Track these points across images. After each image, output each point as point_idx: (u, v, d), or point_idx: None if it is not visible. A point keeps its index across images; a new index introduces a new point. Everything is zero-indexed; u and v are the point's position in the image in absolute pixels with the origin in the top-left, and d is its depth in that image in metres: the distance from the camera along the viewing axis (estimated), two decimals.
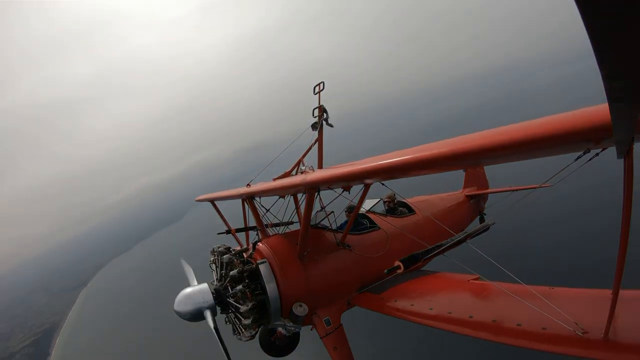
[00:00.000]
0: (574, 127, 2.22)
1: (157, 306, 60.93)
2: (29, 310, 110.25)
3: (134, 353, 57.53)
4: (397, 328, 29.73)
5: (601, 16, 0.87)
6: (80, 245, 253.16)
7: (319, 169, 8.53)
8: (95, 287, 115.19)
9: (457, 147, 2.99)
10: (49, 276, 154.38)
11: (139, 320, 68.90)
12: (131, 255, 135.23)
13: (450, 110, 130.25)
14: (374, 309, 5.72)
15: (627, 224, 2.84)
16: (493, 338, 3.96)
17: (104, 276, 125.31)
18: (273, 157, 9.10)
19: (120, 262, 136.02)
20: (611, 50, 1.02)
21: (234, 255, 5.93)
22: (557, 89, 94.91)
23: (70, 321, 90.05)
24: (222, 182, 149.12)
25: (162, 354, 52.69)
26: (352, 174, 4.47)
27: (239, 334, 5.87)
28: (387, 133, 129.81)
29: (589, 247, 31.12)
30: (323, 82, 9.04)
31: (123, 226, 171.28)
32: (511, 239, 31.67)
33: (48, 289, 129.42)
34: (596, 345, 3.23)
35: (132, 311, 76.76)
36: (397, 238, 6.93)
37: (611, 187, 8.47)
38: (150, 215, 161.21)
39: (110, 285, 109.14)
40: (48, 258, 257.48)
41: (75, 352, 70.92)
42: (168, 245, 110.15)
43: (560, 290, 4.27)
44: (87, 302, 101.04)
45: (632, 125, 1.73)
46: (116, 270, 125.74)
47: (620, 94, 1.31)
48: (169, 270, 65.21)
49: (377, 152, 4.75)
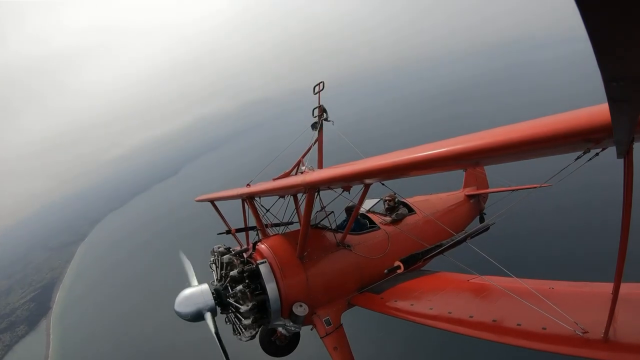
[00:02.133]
0: (574, 127, 2.22)
1: (153, 256, 61.12)
2: (28, 266, 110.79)
3: (134, 304, 57.39)
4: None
5: (601, 16, 0.88)
6: (79, 199, 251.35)
7: (319, 169, 8.53)
8: (93, 241, 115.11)
9: (457, 147, 2.99)
10: (48, 232, 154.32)
11: (137, 272, 68.84)
12: (128, 208, 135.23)
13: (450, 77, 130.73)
14: (374, 309, 5.72)
15: (627, 224, 2.84)
16: (493, 338, 3.96)
17: (102, 230, 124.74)
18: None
19: (117, 216, 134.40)
20: (611, 50, 1.02)
21: (234, 256, 5.94)
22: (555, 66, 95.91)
23: (69, 275, 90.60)
24: (227, 135, 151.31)
25: (163, 305, 52.84)
26: (352, 174, 4.47)
27: (239, 334, 5.87)
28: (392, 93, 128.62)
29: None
30: (323, 82, 9.05)
31: (122, 180, 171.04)
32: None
33: (46, 245, 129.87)
34: (596, 345, 3.23)
35: (128, 262, 76.90)
36: (397, 238, 6.93)
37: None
38: (148, 169, 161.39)
39: (107, 238, 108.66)
40: (47, 213, 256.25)
41: (75, 305, 71.42)
42: (163, 199, 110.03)
43: (560, 289, 4.27)
44: (86, 256, 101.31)
45: (632, 125, 1.74)
46: (114, 224, 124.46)
47: (620, 94, 1.31)
48: (163, 223, 65.51)
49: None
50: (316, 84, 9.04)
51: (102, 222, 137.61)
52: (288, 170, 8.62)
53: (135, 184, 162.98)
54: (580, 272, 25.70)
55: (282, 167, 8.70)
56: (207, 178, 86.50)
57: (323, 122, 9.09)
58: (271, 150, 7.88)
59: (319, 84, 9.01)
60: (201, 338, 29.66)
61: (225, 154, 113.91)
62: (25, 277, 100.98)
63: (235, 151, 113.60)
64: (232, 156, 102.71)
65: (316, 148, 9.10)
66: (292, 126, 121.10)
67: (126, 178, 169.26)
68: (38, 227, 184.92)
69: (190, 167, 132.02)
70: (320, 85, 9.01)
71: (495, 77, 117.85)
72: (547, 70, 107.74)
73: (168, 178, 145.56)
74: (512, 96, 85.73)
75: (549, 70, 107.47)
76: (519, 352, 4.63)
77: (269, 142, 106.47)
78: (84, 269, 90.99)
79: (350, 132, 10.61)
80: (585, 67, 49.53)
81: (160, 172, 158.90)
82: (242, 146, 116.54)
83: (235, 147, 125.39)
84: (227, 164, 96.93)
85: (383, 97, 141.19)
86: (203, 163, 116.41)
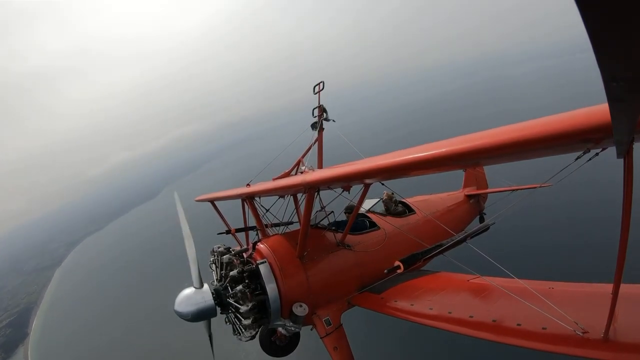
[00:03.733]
0: (574, 127, 2.22)
1: (134, 283, 60.20)
2: (2, 291, 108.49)
3: (114, 332, 56.66)
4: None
5: (601, 16, 0.87)
6: (54, 222, 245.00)
7: (319, 169, 8.53)
8: (70, 265, 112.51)
9: (457, 147, 2.99)
10: (22, 255, 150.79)
11: (116, 298, 67.78)
12: (105, 232, 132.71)
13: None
14: (374, 308, 5.72)
15: (627, 224, 2.84)
16: (493, 338, 3.96)
17: (79, 254, 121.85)
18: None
19: (95, 239, 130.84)
20: (611, 50, 1.02)
21: (233, 256, 5.93)
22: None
23: (47, 301, 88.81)
24: (204, 157, 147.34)
25: (144, 333, 51.44)
26: (352, 174, 4.47)
27: (239, 334, 5.87)
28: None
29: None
30: (323, 82, 9.05)
31: (99, 202, 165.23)
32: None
33: (21, 269, 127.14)
34: (596, 345, 3.22)
35: (107, 288, 75.64)
36: (397, 238, 6.93)
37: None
38: (126, 192, 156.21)
39: (85, 262, 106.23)
40: (21, 236, 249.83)
41: (53, 331, 69.62)
42: (142, 225, 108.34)
43: (560, 289, 4.27)
44: (63, 281, 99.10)
45: (632, 125, 1.74)
46: (91, 248, 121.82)
47: (620, 94, 1.31)
48: (143, 248, 64.34)
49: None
50: (316, 84, 9.04)
51: (79, 245, 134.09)
52: (288, 170, 8.63)
53: (113, 207, 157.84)
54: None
55: (282, 167, 8.71)
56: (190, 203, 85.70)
57: (323, 122, 9.10)
58: (249, 168, 7.77)
59: (319, 84, 9.01)
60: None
61: (204, 174, 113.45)
62: (1, 302, 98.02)
63: (216, 169, 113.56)
64: (212, 175, 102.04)
65: (316, 148, 9.11)
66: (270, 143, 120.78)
67: (104, 201, 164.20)
68: (12, 250, 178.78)
69: (170, 188, 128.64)
70: (320, 85, 9.01)
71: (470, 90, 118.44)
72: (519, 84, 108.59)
73: (148, 201, 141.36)
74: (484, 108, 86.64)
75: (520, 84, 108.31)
76: (519, 352, 4.62)
77: (246, 159, 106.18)
78: (61, 294, 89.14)
79: (350, 132, 10.59)
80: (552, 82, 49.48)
81: (139, 194, 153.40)
82: (220, 165, 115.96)
83: (213, 166, 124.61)
84: (207, 183, 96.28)
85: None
86: (182, 184, 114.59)
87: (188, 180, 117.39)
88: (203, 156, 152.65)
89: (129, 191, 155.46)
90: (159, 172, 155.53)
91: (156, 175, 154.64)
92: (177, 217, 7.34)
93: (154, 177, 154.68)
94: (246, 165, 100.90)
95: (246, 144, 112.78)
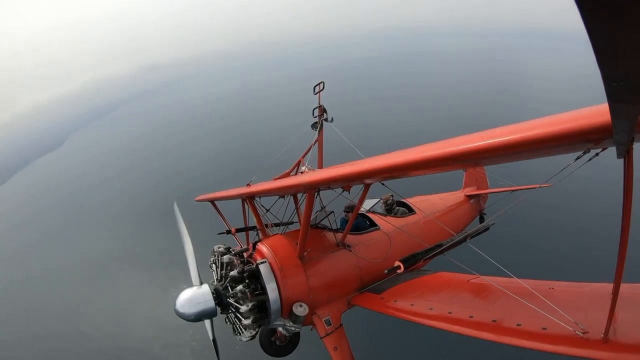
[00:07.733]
0: (574, 127, 2.21)
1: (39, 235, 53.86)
2: None
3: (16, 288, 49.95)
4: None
5: (601, 17, 0.87)
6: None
7: (319, 168, 8.54)
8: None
9: (457, 147, 2.98)
10: None
11: (19, 254, 61.44)
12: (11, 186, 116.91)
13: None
14: (374, 309, 5.72)
15: (627, 224, 2.84)
16: (493, 338, 3.96)
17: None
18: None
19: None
20: (611, 50, 1.02)
21: (234, 256, 5.94)
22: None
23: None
24: (117, 101, 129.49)
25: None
26: (352, 174, 4.47)
27: (239, 334, 5.87)
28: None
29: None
30: (323, 82, 9.03)
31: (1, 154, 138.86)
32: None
33: None
34: (596, 345, 3.22)
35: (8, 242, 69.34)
36: (397, 238, 6.93)
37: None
38: (31, 141, 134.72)
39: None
40: None
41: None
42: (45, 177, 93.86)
43: (560, 289, 4.27)
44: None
45: (632, 125, 1.74)
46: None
47: (620, 94, 1.31)
48: (51, 203, 57.81)
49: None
50: (316, 84, 9.03)
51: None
52: (288, 170, 8.63)
53: (15, 159, 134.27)
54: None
55: (282, 167, 8.70)
56: (96, 151, 75.30)
57: (323, 122, 9.10)
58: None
59: (319, 84, 9.00)
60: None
61: (115, 122, 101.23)
62: None
63: (129, 117, 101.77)
64: (125, 124, 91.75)
65: (316, 148, 9.11)
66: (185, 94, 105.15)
67: (6, 152, 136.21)
68: None
69: (75, 137, 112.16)
70: (320, 85, 9.00)
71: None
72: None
73: (51, 151, 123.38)
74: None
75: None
76: (519, 352, 4.62)
77: (161, 109, 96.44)
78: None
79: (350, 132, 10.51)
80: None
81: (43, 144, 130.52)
82: (134, 113, 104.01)
83: (128, 112, 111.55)
84: (118, 133, 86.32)
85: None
86: (89, 133, 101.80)
87: (93, 127, 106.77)
88: (116, 101, 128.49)
89: (33, 140, 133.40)
90: (67, 118, 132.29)
91: (64, 121, 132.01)
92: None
93: (61, 122, 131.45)
94: (163, 114, 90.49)
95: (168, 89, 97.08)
